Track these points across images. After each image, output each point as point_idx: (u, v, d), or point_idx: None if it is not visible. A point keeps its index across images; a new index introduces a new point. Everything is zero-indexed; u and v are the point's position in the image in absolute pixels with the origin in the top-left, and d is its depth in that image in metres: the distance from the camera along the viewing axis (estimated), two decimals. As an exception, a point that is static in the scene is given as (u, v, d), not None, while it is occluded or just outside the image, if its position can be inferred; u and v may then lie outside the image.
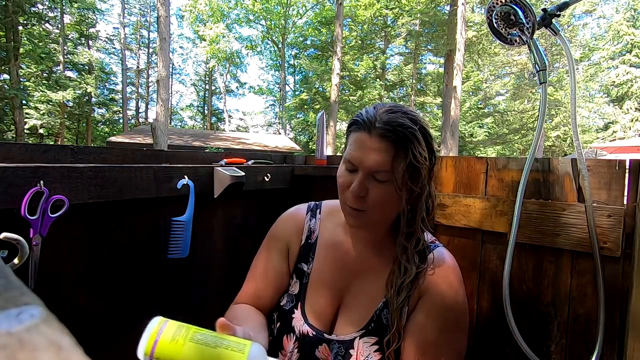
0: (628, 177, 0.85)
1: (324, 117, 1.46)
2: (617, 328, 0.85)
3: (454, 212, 1.08)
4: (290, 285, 0.80)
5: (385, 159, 0.64)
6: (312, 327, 0.73)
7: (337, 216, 0.81)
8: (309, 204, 0.88)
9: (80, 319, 0.89)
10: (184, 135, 15.56)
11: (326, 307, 0.75)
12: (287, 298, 0.79)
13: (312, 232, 0.82)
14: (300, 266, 0.80)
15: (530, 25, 0.93)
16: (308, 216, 0.84)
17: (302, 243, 0.81)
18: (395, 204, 0.69)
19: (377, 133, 0.65)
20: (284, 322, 0.76)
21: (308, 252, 0.80)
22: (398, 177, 0.65)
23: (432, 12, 15.57)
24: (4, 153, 0.83)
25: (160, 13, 8.37)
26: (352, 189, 0.66)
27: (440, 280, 0.70)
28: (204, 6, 19.91)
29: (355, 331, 0.70)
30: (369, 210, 0.68)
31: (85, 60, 18.91)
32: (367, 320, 0.71)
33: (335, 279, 0.76)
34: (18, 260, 0.71)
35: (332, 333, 0.72)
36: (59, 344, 0.13)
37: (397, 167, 0.64)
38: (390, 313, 0.69)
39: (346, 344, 0.70)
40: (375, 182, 0.66)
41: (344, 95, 18.14)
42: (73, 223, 0.85)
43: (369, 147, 0.65)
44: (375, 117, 0.66)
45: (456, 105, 11.51)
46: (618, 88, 19.06)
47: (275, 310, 0.79)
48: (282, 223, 0.87)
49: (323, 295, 0.75)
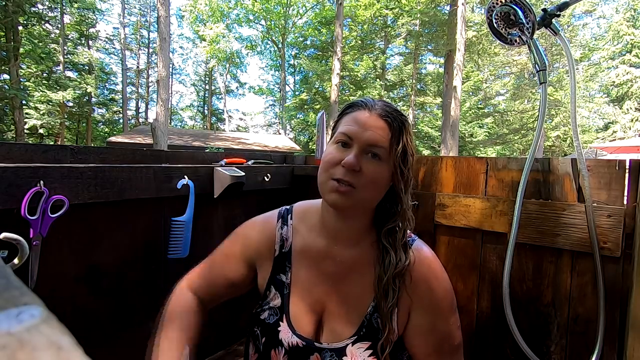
0: (628, 177, 0.85)
1: (324, 117, 1.46)
2: (617, 328, 0.85)
3: (454, 212, 1.08)
4: (270, 297, 0.76)
5: (384, 135, 0.66)
6: (301, 337, 0.70)
7: (310, 218, 0.78)
8: (280, 210, 0.84)
9: (80, 319, 0.89)
10: (184, 135, 15.56)
11: (312, 315, 0.72)
12: (270, 312, 0.75)
13: (285, 240, 0.78)
14: (279, 277, 0.76)
15: (530, 25, 0.93)
16: (279, 224, 0.80)
17: (275, 254, 0.77)
18: (384, 187, 0.69)
19: (376, 112, 0.67)
20: (270, 337, 0.73)
21: (284, 262, 0.76)
22: (394, 157, 0.66)
23: (432, 12, 15.57)
24: (4, 153, 0.84)
25: (160, 13, 8.37)
26: (347, 160, 0.64)
27: (426, 274, 0.70)
28: (204, 6, 19.93)
29: (347, 338, 0.68)
30: (359, 187, 0.65)
31: (85, 60, 18.92)
32: (357, 325, 0.69)
33: (317, 284, 0.73)
34: (18, 260, 0.71)
35: (322, 341, 0.70)
36: (59, 344, 0.13)
37: (394, 146, 0.66)
38: (380, 317, 0.68)
39: (338, 352, 0.68)
40: (369, 159, 0.66)
41: (344, 95, 18.13)
42: (73, 223, 0.85)
43: (368, 123, 0.66)
44: (374, 102, 0.70)
45: (456, 105, 11.51)
46: (618, 88, 19.06)
47: (257, 325, 0.76)
48: (252, 233, 0.82)
49: (307, 304, 0.73)
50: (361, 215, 0.72)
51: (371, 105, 0.68)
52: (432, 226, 1.13)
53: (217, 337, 1.25)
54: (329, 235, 0.74)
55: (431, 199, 1.13)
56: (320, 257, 0.74)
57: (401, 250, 0.69)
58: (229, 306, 0.84)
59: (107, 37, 23.19)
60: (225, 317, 1.28)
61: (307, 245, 0.76)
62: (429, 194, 1.13)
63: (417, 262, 0.69)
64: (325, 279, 0.73)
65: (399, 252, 0.69)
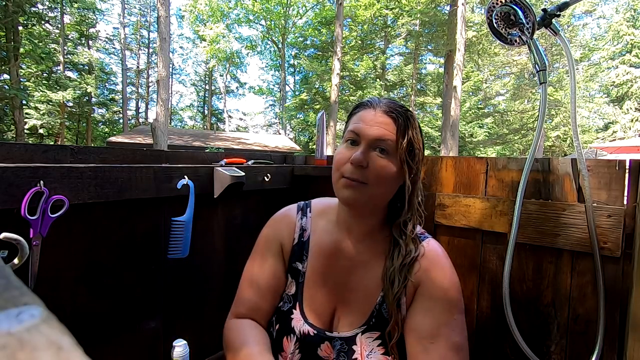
0: (628, 177, 0.85)
1: (324, 117, 1.46)
2: (617, 328, 0.85)
3: (454, 212, 1.08)
4: (287, 285, 0.79)
5: (390, 130, 0.68)
6: (313, 326, 0.73)
7: (329, 213, 0.82)
8: (299, 203, 0.87)
9: (80, 319, 0.89)
10: (184, 135, 15.56)
11: (324, 305, 0.74)
12: (285, 299, 0.78)
13: (304, 230, 0.81)
14: (295, 265, 0.79)
15: (530, 25, 0.93)
16: (299, 215, 0.84)
17: (294, 242, 0.81)
18: (393, 182, 0.70)
19: (381, 110, 0.70)
20: (283, 324, 0.75)
21: (302, 251, 0.79)
22: (401, 151, 0.67)
23: (432, 12, 15.57)
24: (4, 153, 0.83)
25: (160, 13, 8.37)
26: (354, 157, 0.66)
27: (434, 267, 0.70)
28: (204, 6, 19.93)
29: (357, 327, 0.71)
30: (369, 183, 0.67)
31: (85, 60, 18.91)
32: (367, 315, 0.71)
33: (331, 275, 0.76)
34: (18, 260, 0.71)
35: (332, 330, 0.72)
36: (59, 344, 0.13)
37: (400, 140, 0.68)
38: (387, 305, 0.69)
39: (348, 340, 0.70)
40: (376, 154, 0.67)
41: (344, 95, 18.14)
42: (73, 223, 0.85)
43: (373, 120, 0.68)
44: (379, 101, 0.72)
45: (456, 105, 11.51)
46: (618, 88, 19.06)
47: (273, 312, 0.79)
48: (274, 224, 0.86)
49: (320, 294, 0.75)
50: (374, 212, 0.74)
51: (376, 104, 0.71)
52: (432, 226, 1.13)
53: (217, 337, 1.25)
54: (344, 230, 0.77)
55: (431, 199, 1.13)
56: (336, 250, 0.77)
57: (410, 242, 0.71)
58: (229, 306, 0.84)
59: (107, 37, 23.21)
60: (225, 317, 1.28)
61: (323, 237, 0.79)
62: (429, 194, 1.13)
63: (426, 254, 0.71)
64: (339, 271, 0.75)
65: (408, 244, 0.70)
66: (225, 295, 1.24)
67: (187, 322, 1.14)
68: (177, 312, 1.11)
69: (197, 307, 1.17)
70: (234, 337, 0.74)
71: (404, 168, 0.69)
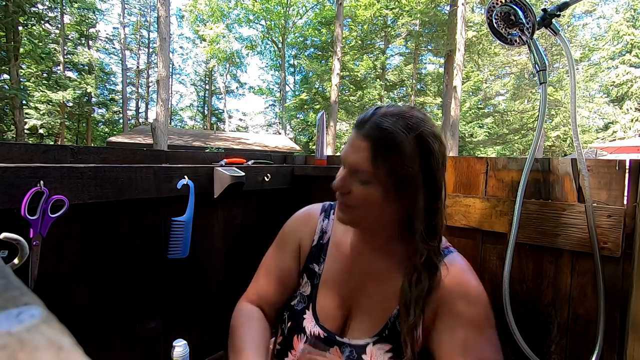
0: (628, 177, 0.85)
1: (324, 117, 1.46)
2: (617, 328, 0.85)
3: (454, 212, 1.08)
4: (302, 285, 0.79)
5: (363, 158, 0.63)
6: (324, 328, 0.72)
7: None
8: (324, 204, 0.87)
9: (80, 319, 0.89)
10: (184, 135, 15.56)
11: (337, 308, 0.74)
12: (299, 298, 0.78)
13: (324, 233, 0.81)
14: (312, 266, 0.79)
15: (530, 25, 0.93)
16: (321, 217, 0.84)
17: (313, 243, 0.81)
18: (378, 206, 0.65)
19: (362, 132, 0.64)
20: (295, 322, 0.76)
21: (319, 253, 0.79)
22: (382, 183, 0.62)
23: (432, 12, 15.56)
24: (4, 153, 0.83)
25: (160, 13, 8.37)
26: (333, 183, 0.68)
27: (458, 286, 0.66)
28: (204, 6, 19.93)
29: (369, 337, 0.69)
30: (357, 207, 0.67)
31: (85, 60, 18.91)
32: (381, 326, 0.69)
33: (346, 280, 0.75)
34: (18, 260, 0.71)
35: (343, 336, 0.71)
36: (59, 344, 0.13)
37: (379, 172, 0.62)
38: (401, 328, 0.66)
39: (359, 349, 0.68)
40: (356, 182, 0.65)
41: (344, 95, 18.14)
42: (73, 223, 0.85)
43: (353, 145, 0.65)
44: (370, 117, 0.65)
45: (456, 105, 11.51)
46: (618, 88, 19.06)
47: (286, 310, 0.79)
48: (295, 222, 0.86)
49: (334, 297, 0.75)
50: (383, 228, 0.71)
51: (365, 122, 0.65)
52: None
53: (217, 337, 1.24)
54: (360, 237, 0.77)
55: (431, 199, 1.12)
56: (353, 256, 0.76)
57: (425, 272, 0.65)
58: (229, 306, 0.84)
59: (107, 37, 23.19)
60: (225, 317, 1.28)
61: (343, 241, 0.79)
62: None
63: (450, 273, 0.67)
64: (356, 277, 0.75)
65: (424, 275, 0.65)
66: (226, 295, 1.24)
67: (187, 322, 1.14)
68: (177, 312, 1.11)
69: (197, 307, 1.17)
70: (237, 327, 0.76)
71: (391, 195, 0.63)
